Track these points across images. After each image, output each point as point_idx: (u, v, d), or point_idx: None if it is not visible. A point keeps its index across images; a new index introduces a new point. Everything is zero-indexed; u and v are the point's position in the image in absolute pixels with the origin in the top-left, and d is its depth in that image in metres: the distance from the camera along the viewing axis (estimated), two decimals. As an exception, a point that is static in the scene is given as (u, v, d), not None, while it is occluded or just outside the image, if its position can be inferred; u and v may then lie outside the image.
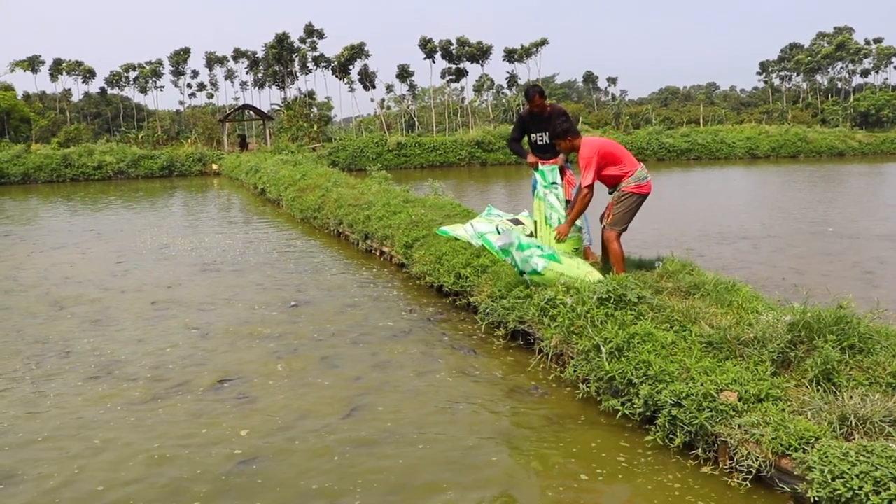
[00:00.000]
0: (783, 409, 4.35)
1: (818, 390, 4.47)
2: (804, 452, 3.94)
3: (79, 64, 79.04)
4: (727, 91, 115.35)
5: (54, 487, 4.42)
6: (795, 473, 3.93)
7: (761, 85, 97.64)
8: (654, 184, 7.34)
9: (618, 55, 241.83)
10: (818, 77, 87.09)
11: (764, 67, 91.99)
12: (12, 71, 45.65)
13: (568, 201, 7.75)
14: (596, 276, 6.72)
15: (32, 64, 73.08)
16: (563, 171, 8.02)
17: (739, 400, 4.45)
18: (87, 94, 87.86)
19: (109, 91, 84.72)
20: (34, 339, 7.65)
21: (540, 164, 8.05)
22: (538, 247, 6.88)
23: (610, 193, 7.29)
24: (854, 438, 3.97)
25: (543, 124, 8.29)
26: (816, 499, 3.72)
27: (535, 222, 7.91)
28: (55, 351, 7.19)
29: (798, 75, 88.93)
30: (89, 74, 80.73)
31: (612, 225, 7.07)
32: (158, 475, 4.54)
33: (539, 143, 8.44)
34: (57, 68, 77.75)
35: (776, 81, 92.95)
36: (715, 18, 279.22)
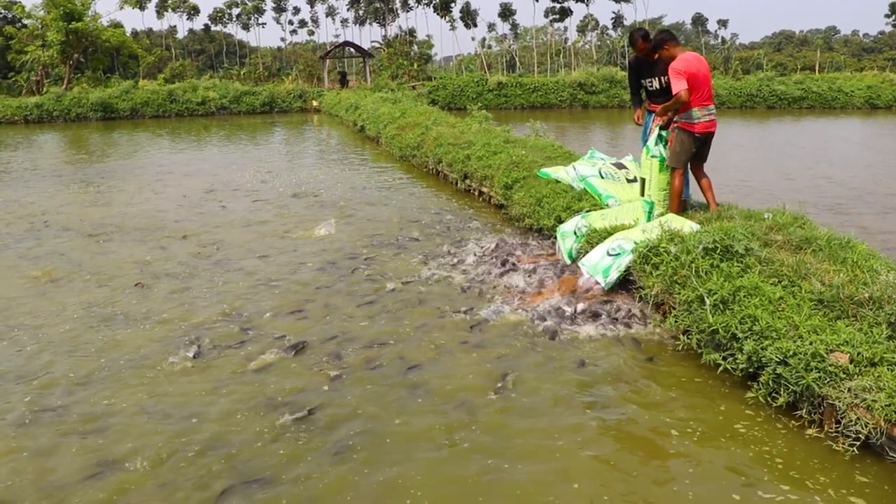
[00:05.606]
0: (899, 375, 4.11)
1: (939, 357, 4.21)
2: (921, 422, 3.72)
3: (183, 1, 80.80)
4: (848, 36, 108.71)
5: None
6: (910, 444, 3.74)
7: (889, 29, 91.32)
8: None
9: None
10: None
11: (894, 9, 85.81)
12: (121, 8, 47.00)
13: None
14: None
15: (140, 1, 74.99)
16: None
17: (851, 362, 4.23)
18: (191, 31, 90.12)
19: (213, 28, 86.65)
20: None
21: (652, 123, 7.75)
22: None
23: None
24: (978, 410, 3.73)
25: (652, 69, 7.90)
26: (931, 470, 3.54)
27: (643, 180, 7.69)
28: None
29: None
30: (193, 11, 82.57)
31: (669, 161, 7.36)
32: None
33: (650, 88, 8.06)
34: (163, 5, 79.76)
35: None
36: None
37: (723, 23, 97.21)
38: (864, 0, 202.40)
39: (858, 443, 3.96)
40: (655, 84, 7.94)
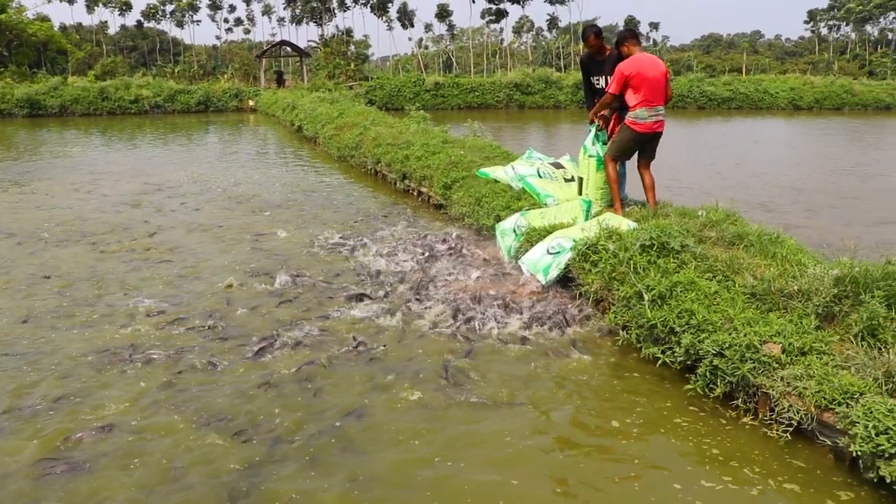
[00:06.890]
0: (827, 363, 4.29)
1: (863, 346, 4.41)
2: (848, 407, 3.90)
3: (115, -5, 78.96)
4: (772, 40, 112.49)
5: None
6: (838, 427, 3.91)
7: (808, 34, 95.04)
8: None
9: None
10: (868, 27, 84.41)
11: (812, 16, 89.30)
12: (49, 1, 45.59)
13: None
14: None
15: (69, -6, 73.07)
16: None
17: (783, 352, 4.42)
18: (123, 27, 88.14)
19: (146, 24, 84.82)
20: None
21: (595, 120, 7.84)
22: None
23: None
24: (899, 395, 3.93)
25: (601, 67, 7.97)
26: (858, 453, 3.70)
27: (581, 179, 7.83)
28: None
29: (847, 25, 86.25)
30: (126, 7, 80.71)
31: (608, 150, 7.57)
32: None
33: (597, 86, 8.11)
34: (93, -1, 77.77)
35: (824, 31, 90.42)
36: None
37: (654, 25, 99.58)
38: (786, 8, 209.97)
39: (791, 429, 4.14)
40: (602, 82, 8.01)
